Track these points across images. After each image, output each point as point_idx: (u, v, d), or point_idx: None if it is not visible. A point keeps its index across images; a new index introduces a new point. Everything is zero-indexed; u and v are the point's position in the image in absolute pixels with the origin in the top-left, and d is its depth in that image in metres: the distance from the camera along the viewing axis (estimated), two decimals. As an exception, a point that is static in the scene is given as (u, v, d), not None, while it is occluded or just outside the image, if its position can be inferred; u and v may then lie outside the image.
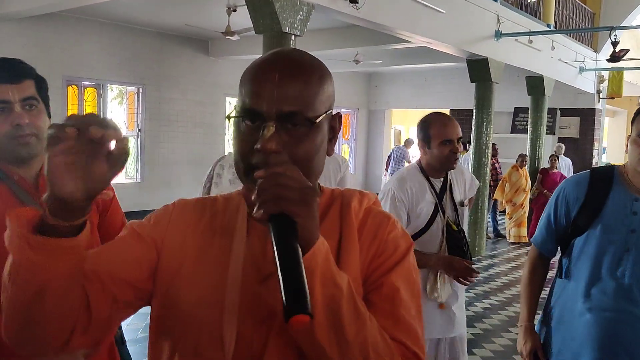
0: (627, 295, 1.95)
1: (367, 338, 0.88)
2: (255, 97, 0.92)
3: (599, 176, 2.10)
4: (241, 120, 0.95)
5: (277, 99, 0.91)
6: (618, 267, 1.98)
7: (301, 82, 0.94)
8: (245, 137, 0.94)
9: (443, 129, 2.62)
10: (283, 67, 0.94)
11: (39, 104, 1.64)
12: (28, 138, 1.61)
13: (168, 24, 10.34)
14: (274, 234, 0.80)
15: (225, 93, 12.41)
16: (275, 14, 5.49)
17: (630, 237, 1.97)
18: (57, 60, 9.27)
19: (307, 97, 0.94)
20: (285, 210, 0.81)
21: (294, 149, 0.93)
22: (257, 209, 0.81)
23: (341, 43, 10.07)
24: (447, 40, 8.30)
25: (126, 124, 11.01)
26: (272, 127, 0.90)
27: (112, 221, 1.84)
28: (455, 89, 14.19)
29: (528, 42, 10.08)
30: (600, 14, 13.73)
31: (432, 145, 2.64)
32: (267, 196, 0.81)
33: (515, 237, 10.38)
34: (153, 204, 10.91)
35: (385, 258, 1.01)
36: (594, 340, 1.99)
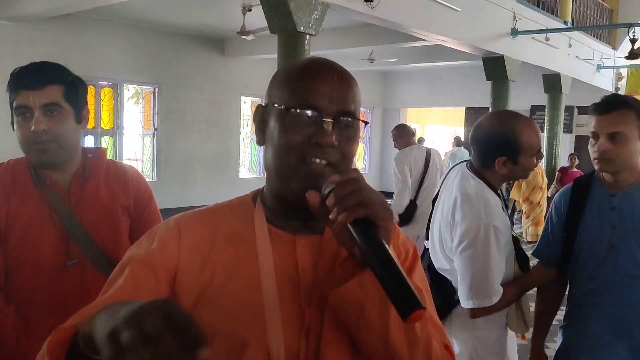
0: (619, 292, 1.98)
1: (429, 335, 0.93)
2: (316, 93, 0.95)
3: (579, 182, 2.17)
4: (292, 113, 0.95)
5: (337, 98, 0.95)
6: (606, 264, 2.01)
7: (352, 87, 0.98)
8: (297, 129, 0.95)
9: (535, 138, 2.04)
10: (338, 71, 0.98)
11: (63, 110, 1.63)
12: (46, 144, 1.61)
13: (184, 24, 10.40)
14: (365, 238, 0.82)
15: (241, 92, 12.45)
16: (290, 13, 5.50)
17: (613, 233, 2.00)
18: (74, 61, 9.33)
19: (356, 101, 0.99)
20: (372, 214, 0.83)
21: (345, 146, 0.96)
22: (340, 212, 0.83)
23: (356, 42, 10.06)
24: (462, 38, 8.25)
25: (142, 123, 11.09)
26: (331, 123, 0.94)
27: (148, 224, 1.81)
28: (471, 87, 14.11)
29: (545, 39, 9.99)
30: (618, 10, 13.58)
31: (521, 159, 2.02)
32: (353, 201, 0.83)
33: (532, 235, 10.28)
34: (169, 203, 10.99)
35: (402, 262, 1.03)
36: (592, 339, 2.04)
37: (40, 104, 1.59)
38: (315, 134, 0.93)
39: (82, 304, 1.66)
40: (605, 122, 1.97)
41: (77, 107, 1.67)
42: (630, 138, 1.94)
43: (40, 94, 1.59)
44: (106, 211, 1.73)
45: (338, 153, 0.95)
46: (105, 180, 1.76)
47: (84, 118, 1.71)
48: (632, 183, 2.02)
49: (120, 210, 1.76)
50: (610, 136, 1.96)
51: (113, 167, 1.81)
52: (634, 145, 1.95)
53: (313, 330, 0.95)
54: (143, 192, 1.83)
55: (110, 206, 1.74)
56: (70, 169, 1.71)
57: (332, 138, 0.93)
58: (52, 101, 1.61)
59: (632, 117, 1.94)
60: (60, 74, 1.65)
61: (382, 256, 0.80)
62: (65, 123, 1.64)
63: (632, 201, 2.00)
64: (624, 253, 1.98)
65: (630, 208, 2.00)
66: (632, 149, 1.96)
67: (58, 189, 1.68)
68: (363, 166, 16.26)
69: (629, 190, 2.02)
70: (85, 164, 1.74)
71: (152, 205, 1.86)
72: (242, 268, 0.97)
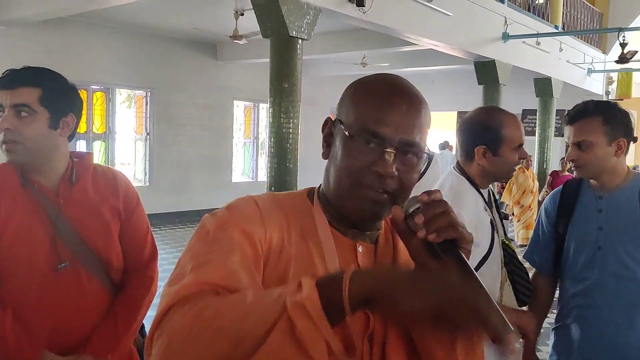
0: (607, 293, 2.02)
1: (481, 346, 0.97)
2: (382, 123, 0.95)
3: (569, 185, 2.22)
4: (357, 138, 0.96)
5: (403, 128, 0.96)
6: (593, 265, 2.05)
7: (420, 115, 0.98)
8: (359, 155, 0.96)
9: (518, 132, 2.07)
10: (409, 97, 0.98)
11: (35, 114, 1.62)
12: (10, 145, 1.61)
13: (176, 28, 10.40)
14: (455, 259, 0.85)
15: (233, 96, 12.44)
16: (282, 17, 5.52)
17: (599, 235, 2.05)
18: (66, 65, 9.27)
19: (422, 129, 0.99)
20: (460, 237, 0.87)
21: (406, 175, 0.97)
22: (430, 231, 0.87)
23: (348, 46, 10.08)
24: (454, 42, 8.29)
25: (134, 127, 11.06)
26: (393, 153, 0.95)
27: (137, 227, 1.84)
28: (463, 91, 14.16)
29: (536, 43, 10.06)
30: (609, 14, 13.68)
31: (502, 150, 2.04)
32: (444, 222, 0.87)
33: (523, 239, 10.31)
34: (161, 207, 10.96)
35: None
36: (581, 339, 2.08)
37: (10, 103, 1.60)
38: (376, 162, 0.94)
39: (79, 306, 1.68)
40: (571, 132, 2.08)
41: (55, 112, 1.66)
42: (595, 144, 2.01)
43: (13, 94, 1.60)
44: (95, 213, 1.73)
45: (397, 182, 0.96)
46: (94, 183, 1.76)
47: (66, 125, 1.69)
48: (617, 185, 2.07)
49: (110, 212, 1.76)
50: (577, 145, 2.05)
51: (100, 171, 1.81)
52: (602, 150, 2.01)
53: (377, 334, 0.96)
54: (131, 195, 1.84)
55: (99, 208, 1.74)
56: (55, 173, 1.71)
57: (393, 169, 0.94)
58: (23, 102, 1.61)
59: (597, 124, 2.01)
60: (39, 78, 1.65)
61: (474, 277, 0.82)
62: (35, 126, 1.62)
63: (618, 203, 2.05)
64: (610, 254, 2.03)
65: (615, 210, 2.05)
66: (601, 154, 2.02)
67: (46, 192, 1.68)
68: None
69: (616, 192, 2.07)
70: (72, 168, 1.74)
71: (140, 209, 1.86)
72: (313, 265, 0.97)
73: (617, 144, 2.02)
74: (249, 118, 13.22)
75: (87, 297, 1.69)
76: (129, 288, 1.79)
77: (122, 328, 1.73)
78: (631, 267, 2.00)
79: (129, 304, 1.77)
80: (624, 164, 2.09)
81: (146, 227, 1.87)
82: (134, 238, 1.82)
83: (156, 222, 10.67)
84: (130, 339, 1.79)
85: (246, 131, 13.25)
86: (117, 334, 1.72)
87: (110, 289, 1.75)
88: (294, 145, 5.75)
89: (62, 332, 1.65)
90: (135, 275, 1.81)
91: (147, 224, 1.89)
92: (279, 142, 5.71)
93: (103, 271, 1.73)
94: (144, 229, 1.86)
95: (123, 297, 1.77)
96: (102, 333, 1.70)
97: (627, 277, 2.00)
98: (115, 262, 1.76)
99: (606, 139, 2.01)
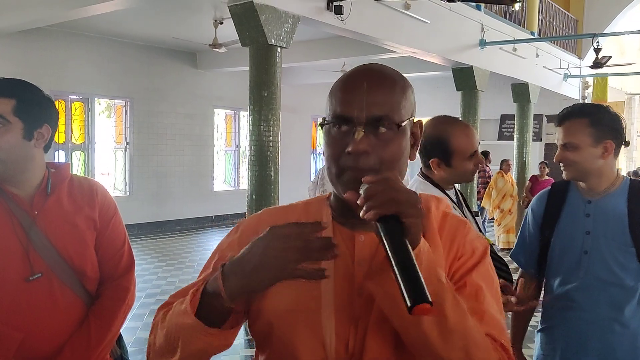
0: (590, 296, 2.04)
1: (467, 328, 0.94)
2: (346, 104, 1.01)
3: (557, 187, 2.24)
4: (332, 127, 1.03)
5: (367, 104, 0.99)
6: (579, 269, 2.06)
7: (387, 90, 1.02)
8: (336, 141, 1.02)
9: (467, 142, 2.11)
10: (370, 77, 1.02)
11: (8, 124, 1.62)
12: None
13: (155, 37, 10.37)
14: (386, 234, 0.86)
15: (214, 105, 12.42)
16: (260, 26, 5.54)
17: (586, 239, 2.06)
18: (44, 75, 9.26)
19: (392, 103, 1.01)
20: (398, 211, 0.87)
21: (382, 151, 1.00)
22: (367, 210, 0.88)
23: (328, 54, 10.13)
24: (431, 49, 8.38)
25: (114, 137, 10.98)
26: (362, 131, 0.98)
27: (113, 237, 1.83)
28: (442, 98, 14.28)
29: (512, 50, 10.20)
30: (584, 20, 13.92)
31: (453, 162, 2.11)
32: (380, 199, 0.87)
33: (504, 243, 10.42)
34: (142, 217, 10.89)
35: (465, 260, 1.07)
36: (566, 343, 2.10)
37: None
38: (348, 143, 0.99)
39: (51, 317, 1.67)
40: (559, 134, 2.11)
41: (29, 123, 1.66)
42: (581, 145, 2.04)
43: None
44: (70, 223, 1.72)
45: (375, 158, 0.99)
46: (69, 193, 1.76)
47: (41, 136, 1.69)
48: (606, 189, 2.08)
49: (85, 222, 1.76)
50: (564, 146, 2.09)
51: (77, 181, 1.81)
52: (587, 151, 2.04)
53: (362, 320, 1.01)
54: (108, 205, 1.83)
55: (74, 219, 1.74)
56: (30, 184, 1.70)
57: (363, 145, 0.98)
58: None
59: (583, 126, 2.04)
60: (13, 88, 1.65)
61: (398, 250, 0.85)
62: (8, 137, 1.62)
63: (606, 208, 2.05)
64: (596, 259, 2.03)
65: (604, 215, 2.05)
66: (586, 155, 2.04)
67: (20, 203, 1.67)
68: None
69: (604, 197, 2.07)
70: (48, 178, 1.73)
71: (116, 219, 1.86)
72: None
73: (603, 145, 2.03)
74: (230, 126, 13.20)
75: (60, 308, 1.68)
76: (104, 298, 1.78)
77: (95, 339, 1.72)
78: (617, 273, 1.99)
79: (103, 314, 1.76)
80: (612, 167, 2.09)
81: (123, 237, 1.87)
82: (110, 248, 1.81)
83: (137, 232, 10.60)
84: (105, 349, 1.78)
85: (227, 139, 13.22)
86: (90, 345, 1.71)
87: (85, 299, 1.74)
88: (274, 153, 5.76)
89: (33, 344, 1.64)
90: (111, 285, 1.80)
91: (125, 234, 1.88)
92: (259, 150, 5.72)
93: (77, 282, 1.72)
94: (120, 239, 1.85)
95: (98, 308, 1.76)
96: (75, 344, 1.69)
97: (613, 282, 2.00)
98: (90, 272, 1.75)
99: (591, 140, 2.03)
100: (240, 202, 9.57)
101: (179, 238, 10.66)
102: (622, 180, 2.10)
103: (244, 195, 6.44)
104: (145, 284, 7.07)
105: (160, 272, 7.88)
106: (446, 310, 0.92)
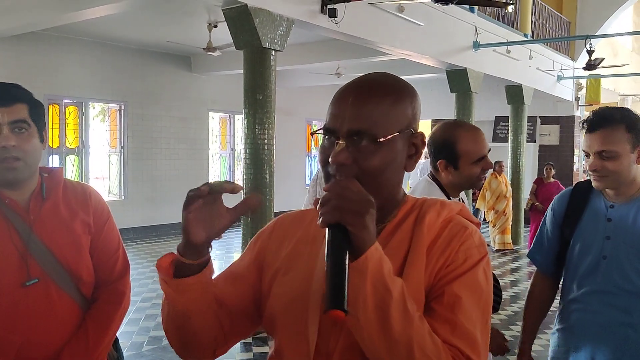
0: (606, 301, 2.02)
1: (413, 337, 0.95)
2: (332, 117, 1.07)
3: (580, 188, 2.18)
4: (322, 137, 1.10)
5: (348, 118, 1.04)
6: (596, 273, 2.04)
7: (372, 104, 1.05)
8: (325, 150, 1.08)
9: (475, 146, 2.13)
10: (359, 89, 1.07)
11: (30, 128, 1.65)
12: (13, 162, 1.62)
13: (149, 40, 10.36)
14: (329, 240, 0.90)
15: (209, 108, 12.42)
16: (255, 29, 5.55)
17: (605, 244, 2.03)
18: (39, 79, 9.23)
19: (376, 117, 1.04)
20: (340, 219, 0.91)
21: (362, 163, 1.04)
22: (319, 217, 0.92)
23: (322, 57, 10.14)
24: (426, 52, 8.40)
25: (108, 141, 10.96)
26: (342, 143, 1.04)
27: (108, 241, 1.84)
28: (436, 100, 14.32)
29: (506, 52, 10.25)
30: (576, 22, 13.98)
31: (460, 165, 2.13)
32: (328, 207, 0.92)
33: (500, 244, 10.46)
34: (137, 221, 10.87)
35: (453, 268, 1.05)
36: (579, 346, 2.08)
37: (8, 120, 1.61)
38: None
39: (49, 321, 1.67)
40: (593, 141, 1.99)
41: (40, 126, 1.70)
42: (620, 154, 1.94)
43: (9, 110, 1.61)
44: (66, 228, 1.73)
45: (356, 169, 1.04)
46: (64, 198, 1.77)
47: (45, 138, 1.74)
48: (631, 196, 2.03)
49: (81, 227, 1.76)
50: (599, 154, 1.97)
51: (70, 186, 1.82)
52: (626, 159, 1.95)
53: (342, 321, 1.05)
54: (102, 209, 1.84)
55: (70, 223, 1.74)
56: (28, 188, 1.71)
57: (341, 157, 1.03)
58: (20, 118, 1.63)
59: (621, 132, 1.94)
60: (25, 93, 1.69)
61: (333, 256, 0.89)
62: (32, 141, 1.66)
63: (629, 214, 2.00)
64: (614, 265, 2.00)
65: (625, 221, 2.00)
66: (625, 164, 1.95)
67: (16, 208, 1.67)
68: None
69: (628, 203, 2.02)
70: (42, 183, 1.74)
71: (110, 222, 1.86)
72: (304, 262, 1.13)
73: (638, 151, 1.96)
74: (224, 129, 13.20)
75: (58, 313, 1.68)
76: (100, 302, 1.78)
77: (93, 343, 1.72)
78: (634, 280, 1.97)
79: (100, 318, 1.76)
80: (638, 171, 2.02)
81: (117, 241, 1.87)
82: (105, 252, 1.81)
83: (132, 237, 10.58)
84: (102, 354, 1.78)
85: (222, 143, 13.21)
86: (88, 349, 1.71)
87: (81, 303, 1.75)
88: (269, 156, 5.77)
89: (31, 348, 1.64)
90: (107, 289, 1.81)
91: (119, 237, 1.89)
92: (254, 153, 5.72)
93: (74, 286, 1.72)
94: (115, 243, 1.85)
95: (94, 312, 1.76)
96: (73, 348, 1.69)
97: (629, 289, 1.97)
98: (85, 276, 1.75)
99: (630, 147, 1.95)
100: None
101: (174, 242, 10.62)
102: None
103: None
104: (141, 288, 7.05)
105: (156, 276, 7.78)
106: (391, 319, 0.93)
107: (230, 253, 9.66)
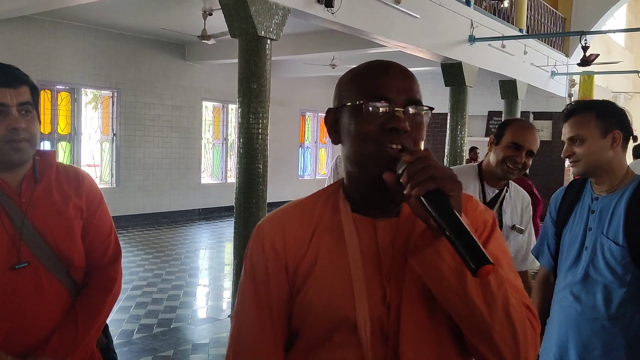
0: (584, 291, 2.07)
1: (507, 291, 1.00)
2: (385, 87, 1.07)
3: (575, 183, 2.25)
4: (364, 108, 1.06)
5: (404, 89, 1.08)
6: (578, 265, 2.09)
7: (415, 79, 1.12)
8: (373, 119, 1.06)
9: (518, 132, 2.43)
10: (400, 66, 1.12)
11: (33, 111, 1.66)
12: (22, 143, 1.62)
13: (144, 27, 10.28)
14: (434, 207, 0.92)
15: (202, 97, 12.36)
16: (250, 18, 5.51)
17: (587, 235, 2.09)
18: (30, 64, 9.14)
19: (419, 91, 1.11)
20: (441, 186, 0.93)
21: (415, 132, 1.07)
22: (412, 187, 0.94)
23: (317, 47, 10.10)
24: (421, 44, 8.39)
25: (101, 128, 10.89)
26: (402, 111, 1.06)
27: (100, 226, 1.82)
28: (430, 93, 14.30)
29: (501, 46, 10.25)
30: (571, 18, 13.99)
31: (500, 143, 2.45)
32: (423, 176, 0.94)
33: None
34: (129, 209, 10.83)
35: (480, 233, 1.13)
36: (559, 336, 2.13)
37: (17, 102, 1.60)
38: (389, 121, 1.05)
39: (37, 306, 1.65)
40: (566, 129, 2.12)
41: (37, 108, 1.70)
42: (587, 138, 2.04)
43: (17, 92, 1.61)
44: (58, 212, 1.71)
45: (410, 138, 1.06)
46: (57, 182, 1.75)
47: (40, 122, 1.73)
48: (614, 187, 2.07)
49: (73, 211, 1.74)
50: (570, 140, 2.09)
51: (63, 169, 1.80)
52: (595, 144, 2.03)
53: (393, 303, 1.07)
54: (94, 194, 1.82)
55: (62, 207, 1.72)
56: (21, 171, 1.69)
57: (406, 124, 1.05)
58: (26, 100, 1.63)
59: (589, 118, 2.05)
60: (26, 75, 1.68)
61: (451, 221, 0.91)
62: (36, 123, 1.67)
63: (610, 205, 2.05)
64: (593, 255, 2.04)
65: (606, 212, 2.05)
66: (593, 148, 2.04)
67: (8, 191, 1.66)
68: (326, 171, 16.30)
69: (611, 194, 2.06)
70: (35, 166, 1.73)
71: (103, 207, 1.84)
72: (335, 254, 1.11)
73: (611, 136, 2.02)
74: (218, 119, 13.15)
75: (47, 298, 1.66)
76: (90, 288, 1.76)
77: (82, 329, 1.70)
78: (613, 271, 1.99)
79: (90, 304, 1.74)
80: (621, 161, 2.07)
81: (109, 227, 1.85)
82: (97, 237, 1.80)
83: (124, 225, 10.54)
84: (92, 339, 1.76)
85: (215, 132, 13.17)
86: (77, 335, 1.69)
87: (71, 289, 1.73)
88: (263, 146, 5.75)
89: (20, 333, 1.62)
90: (98, 274, 1.79)
91: (111, 223, 1.87)
92: (248, 143, 5.70)
93: (64, 271, 1.70)
94: (107, 228, 1.84)
95: (84, 298, 1.74)
96: (62, 333, 1.67)
97: (608, 279, 2.00)
98: (77, 261, 1.73)
99: (599, 132, 2.02)
100: (228, 195, 9.54)
101: (165, 230, 10.61)
102: (632, 179, 2.07)
103: (231, 188, 6.41)
104: (132, 277, 7.04)
105: (147, 264, 7.85)
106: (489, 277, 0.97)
107: (221, 242, 9.65)
